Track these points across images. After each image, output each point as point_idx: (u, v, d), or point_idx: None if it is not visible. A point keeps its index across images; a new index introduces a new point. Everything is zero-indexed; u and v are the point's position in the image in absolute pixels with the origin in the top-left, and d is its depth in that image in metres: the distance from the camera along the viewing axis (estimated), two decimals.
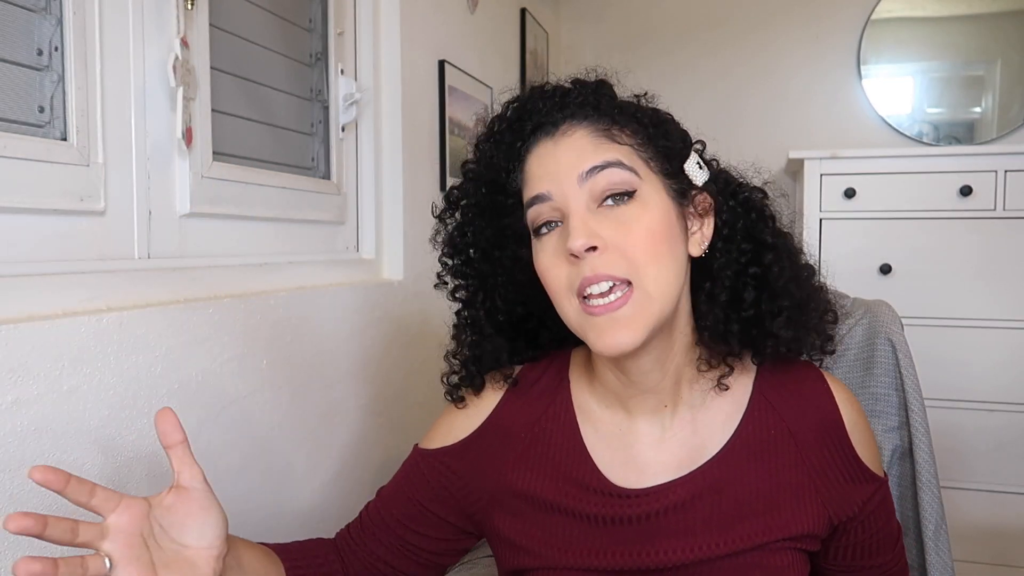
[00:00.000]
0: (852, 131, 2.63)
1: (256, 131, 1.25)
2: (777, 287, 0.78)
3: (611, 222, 0.72)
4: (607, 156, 0.73)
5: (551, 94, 0.78)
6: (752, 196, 0.81)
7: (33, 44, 0.85)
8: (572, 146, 0.74)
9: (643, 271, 0.71)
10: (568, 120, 0.76)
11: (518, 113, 0.79)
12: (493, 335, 0.84)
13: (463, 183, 0.83)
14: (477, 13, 2.03)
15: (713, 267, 0.78)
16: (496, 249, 0.81)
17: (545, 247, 0.75)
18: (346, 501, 1.34)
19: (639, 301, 0.71)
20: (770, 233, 0.80)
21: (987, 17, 2.54)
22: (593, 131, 0.75)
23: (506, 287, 0.83)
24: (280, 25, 1.31)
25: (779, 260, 0.79)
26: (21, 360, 0.75)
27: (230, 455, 1.04)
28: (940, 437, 1.24)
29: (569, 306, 0.74)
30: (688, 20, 2.77)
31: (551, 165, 0.75)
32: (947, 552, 0.96)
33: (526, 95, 0.80)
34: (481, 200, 0.80)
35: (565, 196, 0.73)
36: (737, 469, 0.78)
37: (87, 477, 0.81)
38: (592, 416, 0.83)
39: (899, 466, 1.01)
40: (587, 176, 0.72)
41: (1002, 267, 2.11)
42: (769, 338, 0.78)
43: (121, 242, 0.95)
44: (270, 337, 1.13)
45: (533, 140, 0.77)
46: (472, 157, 0.83)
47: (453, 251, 0.84)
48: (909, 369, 0.99)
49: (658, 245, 0.72)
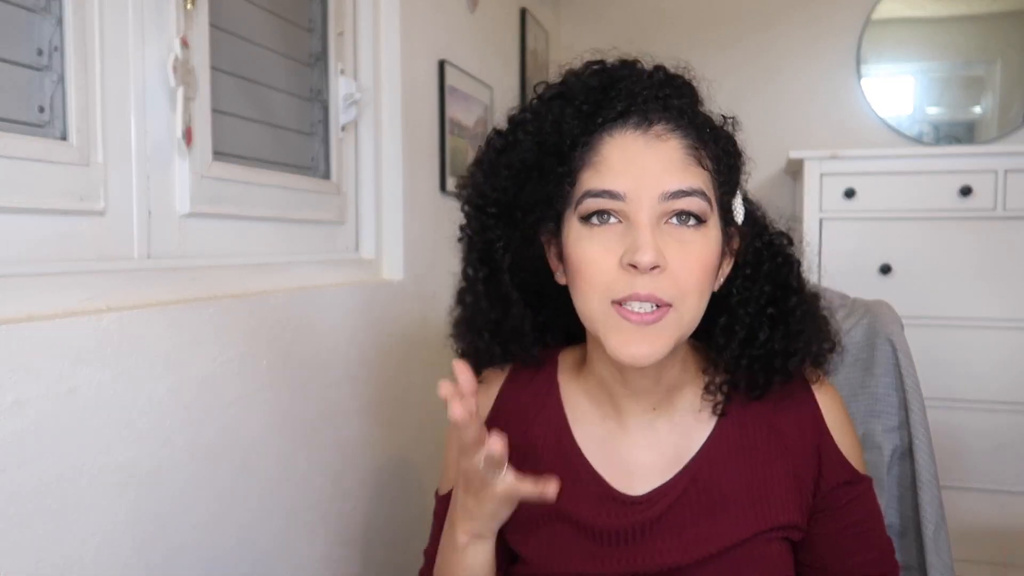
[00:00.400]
0: (852, 131, 2.63)
1: (256, 131, 1.25)
2: (795, 330, 0.78)
3: (674, 243, 0.70)
4: (693, 182, 0.71)
5: (650, 81, 0.73)
6: (776, 240, 0.81)
7: (33, 44, 0.85)
8: (663, 155, 0.71)
9: (686, 298, 0.71)
10: (664, 122, 0.72)
11: (603, 82, 0.73)
12: (520, 303, 0.79)
13: (512, 132, 0.75)
14: (477, 13, 2.03)
15: (731, 302, 0.78)
16: (521, 210, 0.75)
17: (594, 238, 0.71)
18: (346, 501, 1.34)
19: (671, 323, 0.71)
20: (795, 278, 0.80)
21: (987, 17, 2.54)
22: (685, 146, 0.72)
23: (519, 252, 0.79)
24: (280, 25, 1.31)
25: (801, 304, 0.79)
26: (21, 360, 0.75)
27: (230, 455, 1.04)
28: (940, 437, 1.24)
29: (597, 303, 0.71)
30: (688, 20, 2.77)
31: (636, 165, 0.71)
32: (947, 552, 0.96)
33: (617, 66, 0.75)
34: (530, 158, 0.73)
35: (640, 203, 0.70)
36: (720, 466, 0.79)
37: (87, 477, 0.82)
38: (583, 418, 0.83)
39: (899, 466, 1.01)
40: (671, 197, 0.70)
41: (1002, 267, 2.11)
42: (777, 375, 0.78)
43: (121, 242, 0.95)
44: (270, 337, 1.13)
45: (619, 124, 0.72)
46: (529, 106, 0.76)
47: (484, 202, 0.77)
48: (909, 369, 0.99)
49: (708, 278, 0.72)
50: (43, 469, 0.77)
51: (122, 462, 0.87)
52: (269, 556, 1.14)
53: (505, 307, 0.79)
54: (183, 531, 0.96)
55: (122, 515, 0.87)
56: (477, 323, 0.81)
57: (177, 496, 0.95)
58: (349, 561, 1.36)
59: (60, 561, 0.79)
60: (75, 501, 0.81)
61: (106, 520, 0.84)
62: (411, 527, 1.58)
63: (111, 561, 0.85)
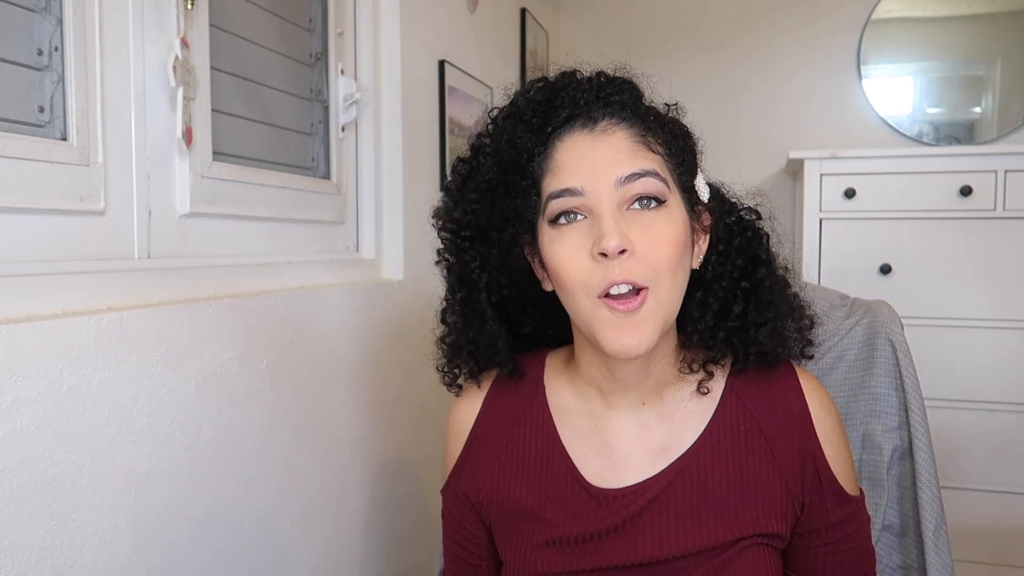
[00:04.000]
0: (852, 131, 2.63)
1: (256, 131, 1.25)
2: (765, 300, 0.81)
3: (639, 227, 0.73)
4: (644, 164, 0.74)
5: (590, 85, 0.77)
6: (744, 216, 0.84)
7: (33, 44, 0.85)
8: (611, 146, 0.74)
9: (660, 279, 0.73)
10: (608, 118, 0.76)
11: (547, 95, 0.77)
12: (495, 319, 0.83)
13: (475, 158, 0.79)
14: (477, 13, 2.03)
15: (706, 278, 0.81)
16: (495, 230, 0.79)
17: (564, 238, 0.74)
18: (346, 501, 1.34)
19: (653, 307, 0.72)
20: (764, 251, 0.83)
21: (987, 17, 2.53)
22: (631, 135, 0.75)
23: (498, 269, 0.82)
24: (280, 25, 1.31)
25: (770, 275, 0.82)
26: (21, 360, 0.75)
27: (230, 455, 1.04)
28: (940, 437, 1.24)
29: (584, 301, 0.73)
30: (688, 20, 2.77)
31: (587, 161, 0.74)
32: (947, 552, 0.96)
33: (557, 79, 0.78)
34: (494, 178, 0.77)
35: (598, 194, 0.73)
36: (708, 465, 0.79)
37: (86, 477, 0.82)
38: (570, 415, 0.84)
39: (899, 466, 1.01)
40: (625, 181, 0.73)
41: (1002, 267, 2.11)
42: (752, 345, 0.80)
43: (121, 242, 0.95)
44: (270, 337, 1.13)
45: (567, 129, 0.76)
46: (485, 131, 0.80)
47: (457, 227, 0.81)
48: (909, 369, 0.99)
49: (678, 256, 0.74)
50: (43, 469, 0.77)
51: (122, 462, 0.87)
52: (269, 556, 1.14)
53: (480, 325, 0.83)
54: (183, 531, 0.96)
55: (122, 515, 0.87)
56: (457, 341, 0.85)
57: (177, 496, 0.95)
58: (349, 561, 1.36)
59: (60, 561, 0.79)
60: (75, 501, 0.81)
61: (106, 520, 0.85)
62: (411, 527, 1.58)
63: (111, 561, 0.85)
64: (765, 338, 0.79)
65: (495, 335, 0.83)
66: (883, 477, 1.00)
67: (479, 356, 0.85)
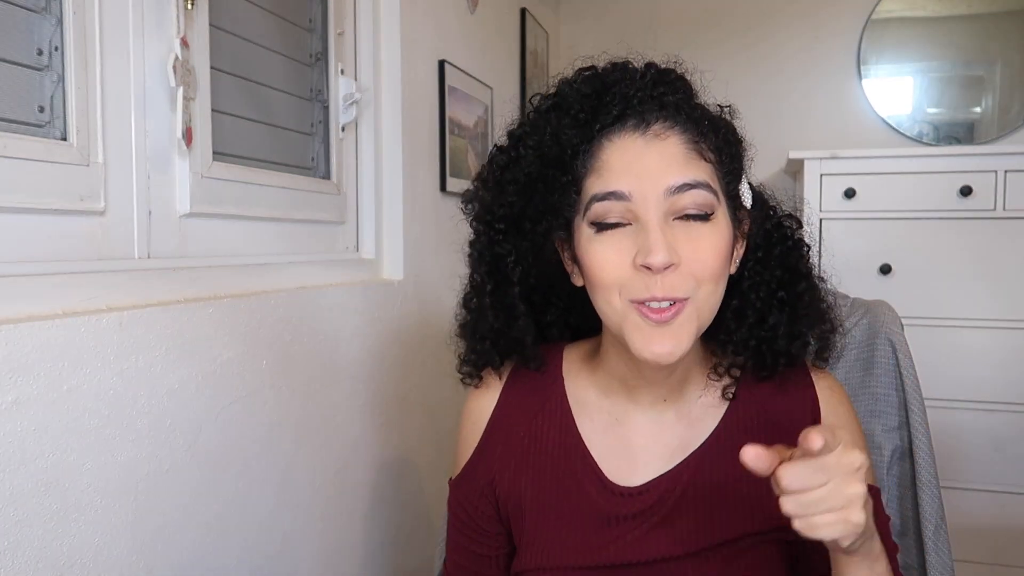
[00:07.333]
0: (852, 131, 2.63)
1: (256, 131, 1.25)
2: (802, 314, 0.79)
3: (685, 238, 0.71)
4: (697, 175, 0.71)
5: (643, 82, 0.74)
6: (785, 223, 0.82)
7: (33, 44, 0.85)
8: (664, 153, 0.72)
9: (701, 288, 0.71)
10: (661, 121, 0.73)
11: (596, 88, 0.74)
12: (526, 314, 0.80)
13: (514, 148, 0.76)
14: (477, 13, 2.03)
15: (742, 286, 0.79)
16: (529, 221, 0.76)
17: (605, 243, 0.72)
18: (346, 501, 1.34)
19: (690, 316, 0.71)
20: (804, 264, 0.81)
21: (987, 17, 2.53)
22: (685, 141, 0.72)
23: (529, 261, 0.79)
24: (280, 25, 1.31)
25: (810, 289, 0.80)
26: (21, 360, 0.75)
27: (230, 455, 1.04)
28: (940, 437, 1.24)
29: (616, 301, 0.72)
30: (688, 20, 2.77)
31: (638, 165, 0.71)
32: (947, 552, 0.96)
33: (608, 70, 0.75)
34: (534, 172, 0.74)
35: (646, 202, 0.70)
36: (722, 459, 0.79)
37: (86, 477, 0.82)
38: (589, 408, 0.83)
39: (899, 466, 1.01)
40: (675, 191, 0.70)
41: (1001, 267, 2.11)
42: (783, 356, 0.78)
43: (121, 242, 0.95)
44: (270, 337, 1.13)
45: (616, 128, 0.73)
46: (527, 120, 0.77)
47: (492, 219, 0.78)
48: (909, 369, 0.99)
49: (721, 266, 0.72)
50: (43, 469, 0.77)
51: (122, 462, 0.87)
52: (269, 555, 1.14)
53: (510, 319, 0.80)
54: (183, 531, 0.96)
55: (122, 515, 0.87)
56: (480, 330, 0.82)
57: (177, 495, 0.95)
58: (349, 561, 1.36)
59: (60, 561, 0.79)
60: (75, 501, 0.81)
61: (106, 520, 0.85)
62: (411, 527, 1.58)
63: (111, 561, 0.85)
64: (798, 351, 0.78)
65: (524, 330, 0.81)
66: (883, 477, 1.00)
67: (502, 348, 0.83)
